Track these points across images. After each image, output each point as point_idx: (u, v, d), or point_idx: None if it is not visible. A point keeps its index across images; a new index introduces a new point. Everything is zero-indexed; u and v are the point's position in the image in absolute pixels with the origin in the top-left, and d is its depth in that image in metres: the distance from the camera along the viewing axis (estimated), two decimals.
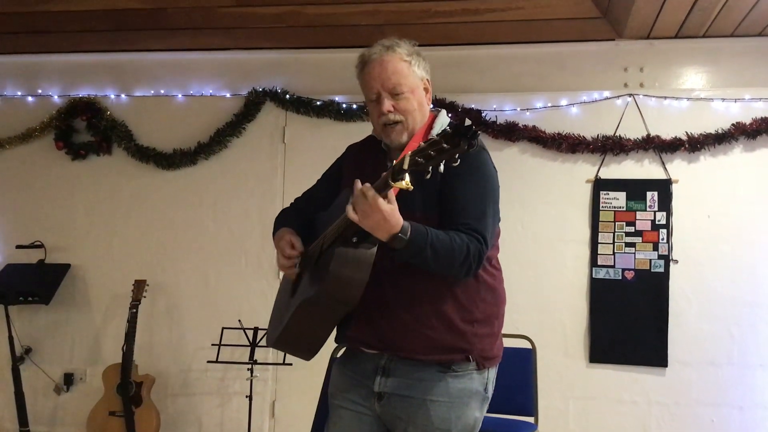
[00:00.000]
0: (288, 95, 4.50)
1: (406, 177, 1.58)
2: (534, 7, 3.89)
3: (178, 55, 4.65)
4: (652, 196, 4.13)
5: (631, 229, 4.13)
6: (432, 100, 2.07)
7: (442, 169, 1.56)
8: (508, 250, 2.69)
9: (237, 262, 4.52)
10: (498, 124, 4.27)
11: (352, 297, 1.83)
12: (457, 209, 1.88)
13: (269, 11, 4.09)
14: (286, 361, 3.86)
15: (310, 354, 2.04)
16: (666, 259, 4.08)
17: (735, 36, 4.08)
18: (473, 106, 4.28)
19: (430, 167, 1.55)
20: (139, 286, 4.34)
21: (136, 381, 4.26)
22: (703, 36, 4.11)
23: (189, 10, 4.11)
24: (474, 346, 1.94)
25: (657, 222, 4.11)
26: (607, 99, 4.23)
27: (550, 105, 4.28)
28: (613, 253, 4.14)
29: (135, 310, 4.25)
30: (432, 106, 2.08)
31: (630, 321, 4.08)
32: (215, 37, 4.44)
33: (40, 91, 4.77)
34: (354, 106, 4.37)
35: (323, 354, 2.10)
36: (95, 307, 4.64)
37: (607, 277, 4.14)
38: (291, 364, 3.89)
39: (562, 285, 4.20)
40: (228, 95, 4.61)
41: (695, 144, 4.08)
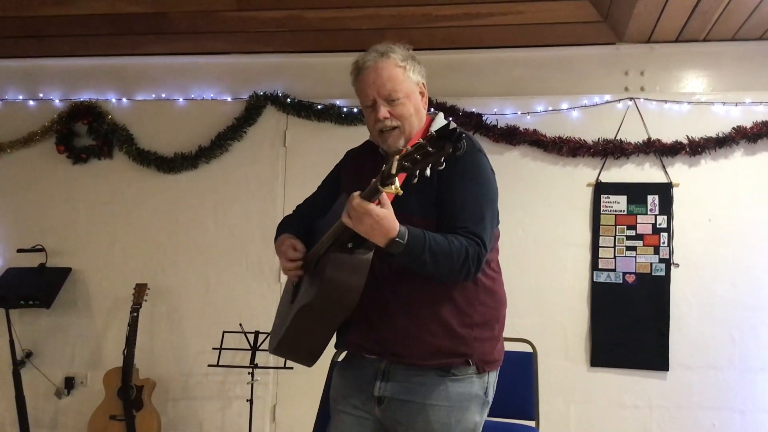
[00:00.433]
0: (289, 99, 4.50)
1: (396, 182, 1.58)
2: (535, 12, 3.90)
3: (179, 59, 4.65)
4: (652, 200, 4.13)
5: (632, 232, 4.13)
6: (433, 104, 2.08)
7: (428, 173, 1.56)
8: (509, 253, 2.69)
9: (238, 266, 4.52)
10: (499, 127, 4.26)
11: (349, 302, 1.83)
12: (455, 212, 1.88)
13: (270, 15, 4.09)
14: (287, 365, 3.85)
15: (312, 360, 2.04)
16: (667, 262, 4.08)
17: (735, 40, 4.08)
18: (474, 110, 4.27)
19: (417, 171, 1.55)
20: (139, 290, 4.33)
21: (136, 385, 4.26)
22: (704, 40, 4.11)
23: (190, 14, 4.12)
24: (474, 349, 1.93)
25: (658, 225, 4.11)
26: (607, 103, 4.24)
27: (550, 109, 4.28)
28: (614, 257, 4.14)
29: (136, 314, 4.25)
30: (431, 109, 2.08)
31: (631, 324, 4.07)
32: (216, 41, 4.45)
33: (41, 94, 4.78)
34: (355, 110, 4.36)
35: (324, 358, 2.10)
36: (96, 310, 4.64)
37: (608, 280, 4.14)
38: (292, 368, 3.88)
39: (563, 288, 4.19)
40: (229, 99, 4.61)
41: (696, 148, 4.08)
